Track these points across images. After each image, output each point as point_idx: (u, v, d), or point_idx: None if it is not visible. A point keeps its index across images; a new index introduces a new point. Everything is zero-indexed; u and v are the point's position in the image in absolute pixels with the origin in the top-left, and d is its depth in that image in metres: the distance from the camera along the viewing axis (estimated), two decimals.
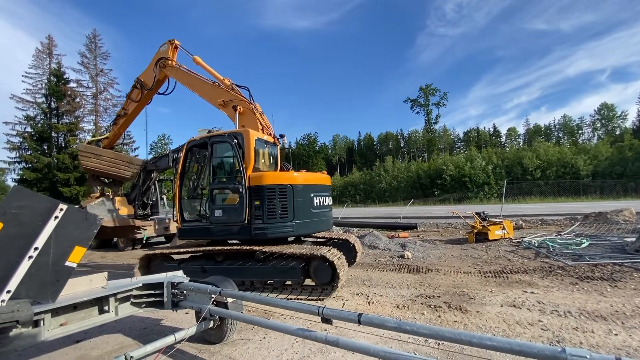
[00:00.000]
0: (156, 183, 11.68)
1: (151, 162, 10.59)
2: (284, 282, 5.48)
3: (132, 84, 8.97)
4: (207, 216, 6.02)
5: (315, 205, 5.99)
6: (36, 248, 2.37)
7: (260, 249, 5.41)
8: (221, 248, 5.71)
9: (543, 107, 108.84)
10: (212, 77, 7.44)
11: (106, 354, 3.48)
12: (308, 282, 5.40)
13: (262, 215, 5.47)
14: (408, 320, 4.06)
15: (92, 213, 2.80)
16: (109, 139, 10.33)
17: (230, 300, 3.29)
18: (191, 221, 6.35)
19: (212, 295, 3.17)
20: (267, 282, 5.57)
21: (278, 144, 6.96)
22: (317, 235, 6.88)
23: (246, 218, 5.50)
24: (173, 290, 3.52)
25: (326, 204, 6.41)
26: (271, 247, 5.45)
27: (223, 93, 6.94)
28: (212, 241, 6.28)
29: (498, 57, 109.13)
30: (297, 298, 5.12)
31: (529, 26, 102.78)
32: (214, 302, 3.23)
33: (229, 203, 5.80)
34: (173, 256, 6.49)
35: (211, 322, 3.33)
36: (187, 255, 6.39)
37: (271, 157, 6.72)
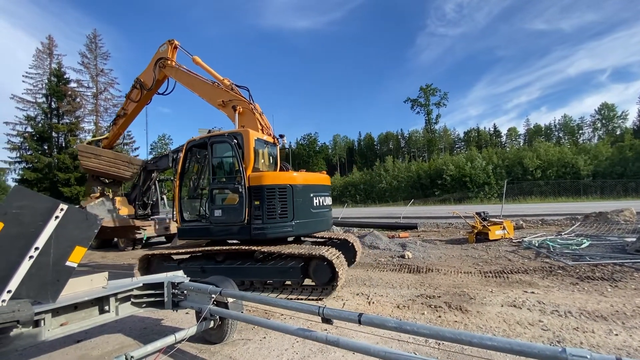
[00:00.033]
0: (156, 183, 11.70)
1: (151, 162, 10.62)
2: (284, 282, 5.48)
3: (132, 84, 8.99)
4: (207, 216, 6.03)
5: (314, 205, 5.99)
6: (37, 248, 2.37)
7: (258, 249, 5.42)
8: (220, 248, 5.71)
9: (543, 107, 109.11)
10: (212, 77, 7.44)
11: (107, 354, 3.48)
12: (309, 283, 5.41)
13: (262, 215, 5.47)
14: (408, 320, 4.06)
15: (93, 213, 2.80)
16: (109, 139, 10.33)
17: (230, 300, 3.29)
18: (191, 221, 6.35)
19: (213, 295, 3.17)
20: (267, 282, 5.57)
21: (278, 144, 6.97)
22: (317, 235, 6.88)
23: (246, 218, 5.50)
24: (173, 290, 3.52)
25: (326, 204, 6.41)
26: (270, 247, 5.45)
27: (223, 93, 6.94)
28: (212, 241, 6.28)
29: (498, 57, 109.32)
30: (298, 298, 5.11)
31: (529, 26, 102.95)
32: (215, 302, 3.23)
33: (229, 203, 5.80)
34: (173, 256, 6.49)
35: (211, 322, 3.33)
36: (187, 255, 6.39)
37: (271, 157, 6.73)
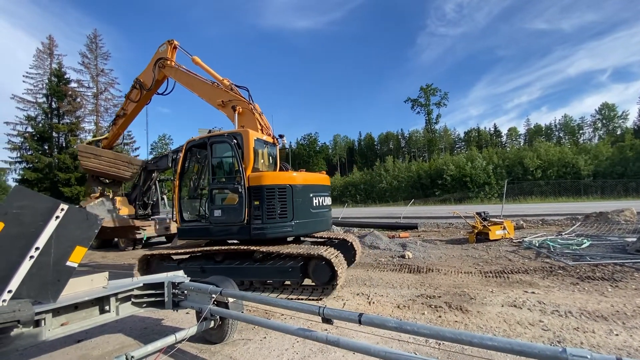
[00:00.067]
0: (157, 183, 11.71)
1: (152, 162, 10.62)
2: (283, 282, 5.48)
3: (131, 85, 8.99)
4: (207, 216, 6.03)
5: (314, 205, 5.99)
6: (37, 248, 2.37)
7: (257, 249, 5.42)
8: (219, 248, 5.71)
9: (544, 107, 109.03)
10: (211, 78, 7.44)
11: (107, 354, 3.48)
12: (309, 283, 5.41)
13: (262, 215, 5.47)
14: (409, 320, 4.06)
15: (93, 213, 2.80)
16: (108, 140, 10.34)
17: (231, 300, 3.30)
18: (191, 221, 6.36)
19: (213, 295, 3.17)
20: (266, 282, 5.58)
21: (277, 144, 6.97)
22: (317, 235, 6.88)
23: (245, 218, 5.51)
24: (174, 290, 3.52)
25: (325, 204, 6.41)
26: (268, 247, 5.44)
27: (222, 93, 6.94)
28: (212, 241, 6.28)
29: (499, 57, 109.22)
30: (298, 298, 5.12)
31: (530, 26, 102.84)
32: (215, 302, 3.23)
33: (229, 203, 5.80)
34: (172, 256, 6.49)
35: (212, 322, 3.33)
36: (186, 255, 6.40)
37: (270, 157, 6.73)
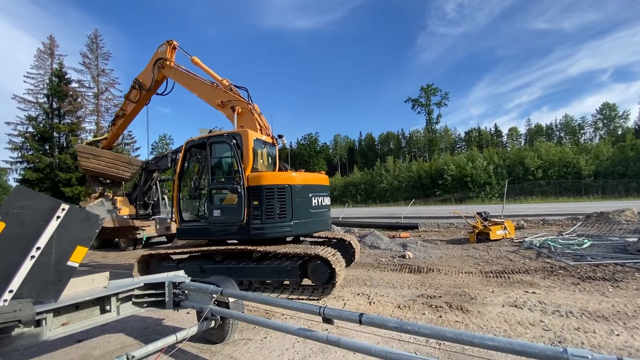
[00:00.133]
0: (157, 183, 11.70)
1: (152, 162, 10.61)
2: (282, 282, 5.49)
3: (131, 85, 9.00)
4: (206, 216, 6.03)
5: (313, 205, 5.99)
6: (38, 248, 2.38)
7: (254, 249, 5.41)
8: (217, 248, 5.71)
9: (544, 107, 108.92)
10: (211, 78, 7.44)
11: (108, 354, 3.48)
12: (309, 283, 5.41)
13: (261, 215, 5.47)
14: (409, 320, 4.06)
15: (94, 213, 2.81)
16: (108, 140, 10.35)
17: (231, 300, 3.30)
18: (190, 221, 6.36)
19: (214, 295, 3.17)
20: (265, 282, 5.58)
21: (276, 144, 6.97)
22: (316, 235, 6.88)
23: (245, 218, 5.51)
24: (174, 290, 3.52)
25: (324, 204, 6.41)
26: (266, 247, 5.44)
27: (221, 94, 6.94)
28: (211, 241, 6.28)
29: (499, 57, 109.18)
30: (299, 298, 5.12)
31: (531, 26, 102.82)
32: (216, 302, 3.23)
33: (228, 203, 5.80)
34: (172, 256, 6.50)
35: (212, 322, 3.33)
36: (186, 255, 6.40)
37: (270, 158, 6.73)
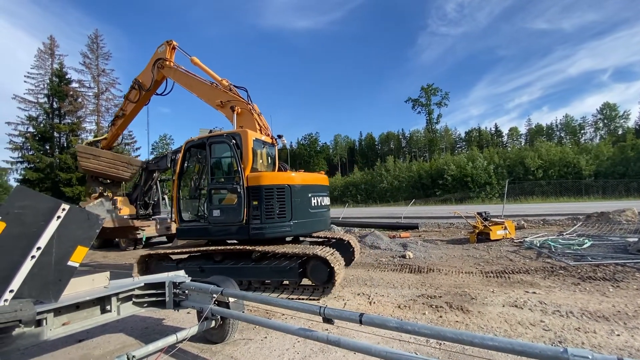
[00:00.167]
0: (158, 183, 11.70)
1: (153, 162, 10.61)
2: (281, 282, 5.49)
3: (130, 85, 9.00)
4: (206, 216, 6.03)
5: (313, 205, 6.00)
6: (39, 248, 2.38)
7: (252, 249, 5.41)
8: (215, 248, 5.71)
9: (545, 107, 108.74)
10: (210, 78, 7.44)
11: (108, 353, 3.49)
12: (309, 283, 5.41)
13: (260, 215, 5.47)
14: (409, 320, 4.06)
15: (94, 213, 2.81)
16: (108, 140, 10.36)
17: (231, 300, 3.30)
18: (190, 221, 6.36)
19: (214, 295, 3.17)
20: (265, 282, 5.59)
21: (276, 145, 6.97)
22: (316, 235, 6.88)
23: (244, 218, 5.51)
24: (175, 290, 3.52)
25: (324, 204, 6.41)
26: (265, 247, 5.44)
27: (221, 94, 6.95)
28: (210, 241, 6.28)
29: (499, 57, 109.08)
30: (299, 298, 5.12)
31: (531, 26, 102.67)
32: (216, 302, 3.23)
33: (227, 203, 5.81)
34: (171, 256, 6.50)
35: (213, 322, 3.33)
36: (186, 255, 6.40)
37: (269, 158, 6.74)
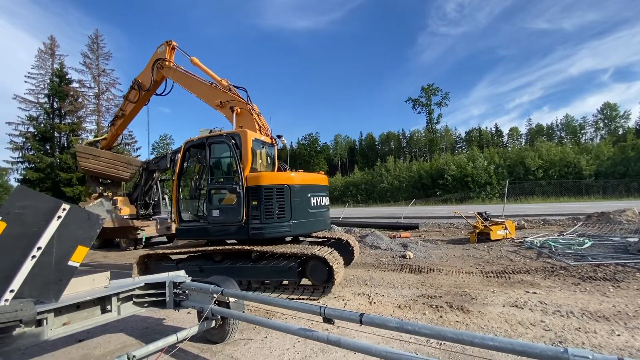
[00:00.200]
0: (158, 183, 11.72)
1: (153, 162, 10.63)
2: (281, 282, 5.49)
3: (130, 85, 9.00)
4: (205, 216, 6.03)
5: (312, 205, 5.99)
6: (39, 248, 2.38)
7: (251, 249, 5.41)
8: (214, 248, 5.71)
9: (545, 107, 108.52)
10: (210, 78, 7.44)
11: (109, 353, 3.49)
12: (309, 283, 5.41)
13: (260, 215, 5.47)
14: (410, 320, 4.06)
15: (95, 213, 2.81)
16: (107, 140, 10.37)
17: (232, 300, 3.30)
18: (189, 221, 6.37)
19: (214, 295, 3.18)
20: (264, 282, 5.59)
21: (275, 145, 6.98)
22: (315, 235, 6.88)
23: (244, 218, 5.51)
24: (175, 290, 3.53)
25: (323, 204, 6.41)
26: (263, 247, 5.44)
27: (220, 94, 6.95)
28: (210, 241, 6.28)
29: (500, 57, 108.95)
30: (299, 298, 5.12)
31: (531, 25, 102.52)
32: (216, 302, 3.23)
33: (227, 203, 5.81)
34: (171, 256, 6.50)
35: (213, 322, 3.33)
36: (185, 255, 6.40)
37: (268, 158, 6.74)
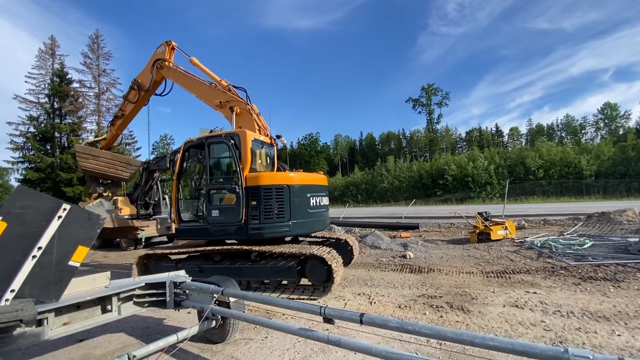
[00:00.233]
0: (158, 183, 11.73)
1: (153, 162, 10.64)
2: (280, 282, 5.49)
3: (129, 85, 9.01)
4: (205, 216, 6.03)
5: (311, 205, 6.00)
6: (40, 247, 2.38)
7: (250, 249, 5.41)
8: (213, 248, 5.72)
9: (546, 107, 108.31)
10: (209, 78, 7.45)
11: (109, 353, 3.49)
12: (308, 283, 5.41)
13: (259, 215, 5.48)
14: (410, 320, 4.06)
15: (95, 213, 2.81)
16: (107, 140, 10.37)
17: (232, 299, 3.30)
18: (189, 221, 6.37)
19: (215, 294, 3.18)
20: (263, 282, 5.59)
21: (275, 145, 6.98)
22: (315, 235, 6.88)
23: (243, 218, 5.52)
24: (175, 289, 3.53)
25: (323, 204, 6.42)
26: (262, 247, 5.44)
27: (220, 94, 6.95)
28: (209, 241, 6.29)
29: (500, 57, 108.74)
30: (299, 298, 5.12)
31: (532, 25, 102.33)
32: (216, 302, 3.23)
33: (226, 203, 5.81)
34: (170, 256, 6.50)
35: (213, 322, 3.34)
36: (185, 255, 6.40)
37: (268, 158, 6.74)
